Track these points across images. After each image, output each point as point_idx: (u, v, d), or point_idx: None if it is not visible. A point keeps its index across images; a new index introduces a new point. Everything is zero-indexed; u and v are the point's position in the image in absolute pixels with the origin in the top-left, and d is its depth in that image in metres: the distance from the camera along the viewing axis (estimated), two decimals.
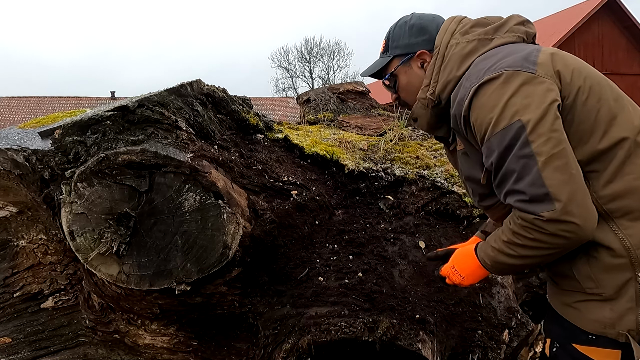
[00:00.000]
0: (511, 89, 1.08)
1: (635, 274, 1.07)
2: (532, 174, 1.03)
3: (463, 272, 1.36)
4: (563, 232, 1.03)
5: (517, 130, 1.05)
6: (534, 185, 1.03)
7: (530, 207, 1.04)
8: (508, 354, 1.93)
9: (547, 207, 1.02)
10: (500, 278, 2.14)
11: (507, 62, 1.12)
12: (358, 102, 4.44)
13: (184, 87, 1.97)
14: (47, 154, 1.65)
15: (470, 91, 1.14)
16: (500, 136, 1.08)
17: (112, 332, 1.96)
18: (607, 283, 1.10)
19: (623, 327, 1.07)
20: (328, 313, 1.70)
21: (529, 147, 1.03)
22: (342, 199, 2.24)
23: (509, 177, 1.08)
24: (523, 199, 1.06)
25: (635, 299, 1.06)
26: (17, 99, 33.69)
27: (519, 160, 1.05)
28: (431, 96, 1.31)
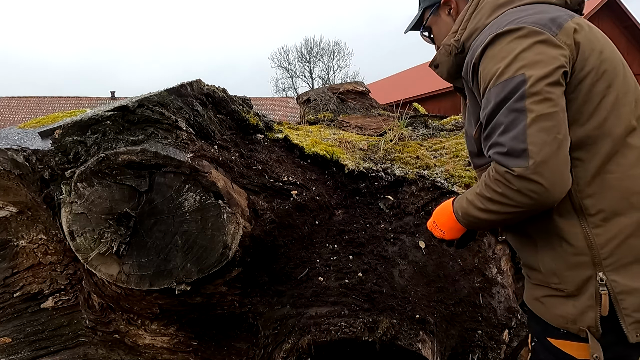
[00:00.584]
0: (525, 43, 1.07)
1: (596, 272, 1.08)
2: (517, 128, 1.03)
3: (443, 227, 1.36)
4: (528, 191, 1.03)
5: (517, 84, 1.04)
6: (515, 140, 1.03)
7: (505, 160, 1.05)
8: (508, 354, 1.93)
9: (520, 163, 1.02)
10: (500, 278, 2.14)
11: (532, 19, 1.11)
12: (358, 102, 4.44)
13: (184, 87, 1.97)
14: (47, 154, 1.65)
15: (487, 39, 1.14)
16: (500, 87, 1.07)
17: (112, 332, 1.96)
18: (569, 280, 1.13)
19: (584, 324, 1.10)
20: (328, 313, 1.70)
21: (523, 102, 1.03)
22: (342, 199, 2.24)
23: (496, 130, 1.08)
24: (501, 151, 1.06)
25: (594, 298, 1.08)
26: (17, 99, 33.69)
27: (510, 113, 1.05)
28: (455, 43, 1.30)
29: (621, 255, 1.08)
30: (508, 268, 2.29)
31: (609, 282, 1.07)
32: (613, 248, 1.08)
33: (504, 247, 2.31)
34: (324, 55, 45.76)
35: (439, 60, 1.37)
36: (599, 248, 1.08)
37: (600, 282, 1.08)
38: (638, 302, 1.06)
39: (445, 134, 3.18)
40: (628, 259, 1.07)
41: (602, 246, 1.08)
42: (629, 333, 1.06)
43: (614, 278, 1.07)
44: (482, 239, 2.20)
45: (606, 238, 1.08)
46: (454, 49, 1.30)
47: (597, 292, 1.08)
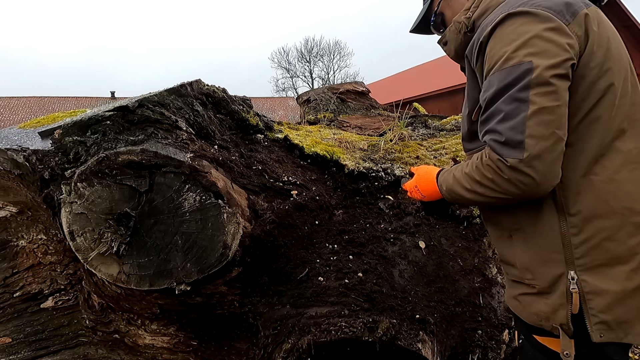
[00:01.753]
0: (537, 29, 1.05)
1: (567, 270, 1.09)
2: (517, 119, 1.03)
3: (425, 192, 1.46)
4: (518, 182, 1.04)
5: (523, 72, 1.03)
6: (513, 130, 1.03)
7: (500, 149, 1.05)
8: (508, 354, 1.93)
9: (515, 154, 1.02)
10: (500, 278, 2.14)
11: (547, 3, 1.08)
12: (358, 102, 4.44)
13: (184, 87, 1.97)
14: (47, 154, 1.65)
15: (498, 18, 1.11)
16: (506, 72, 1.06)
17: (112, 332, 1.96)
18: (541, 276, 1.14)
19: (556, 321, 1.11)
20: (328, 313, 1.70)
21: (527, 92, 1.02)
22: (342, 199, 2.24)
23: (495, 116, 1.08)
24: (498, 139, 1.06)
25: (565, 296, 1.10)
26: (17, 99, 33.68)
27: (512, 102, 1.04)
28: (466, 20, 1.27)
29: (594, 257, 1.08)
30: None
31: (579, 281, 1.08)
32: (587, 249, 1.08)
33: None
34: (324, 55, 45.81)
35: (449, 37, 1.35)
36: (574, 247, 1.09)
37: (571, 281, 1.09)
38: (604, 304, 1.07)
39: (445, 134, 3.18)
40: (600, 261, 1.08)
41: (576, 246, 1.09)
42: (592, 332, 1.08)
43: (584, 278, 1.08)
44: (482, 239, 2.20)
45: (582, 239, 1.09)
46: (464, 27, 1.28)
47: (568, 290, 1.10)
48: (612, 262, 1.07)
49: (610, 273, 1.07)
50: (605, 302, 1.07)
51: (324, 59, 47.88)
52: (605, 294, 1.07)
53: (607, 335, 1.07)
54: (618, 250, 1.07)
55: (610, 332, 1.07)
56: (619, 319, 1.06)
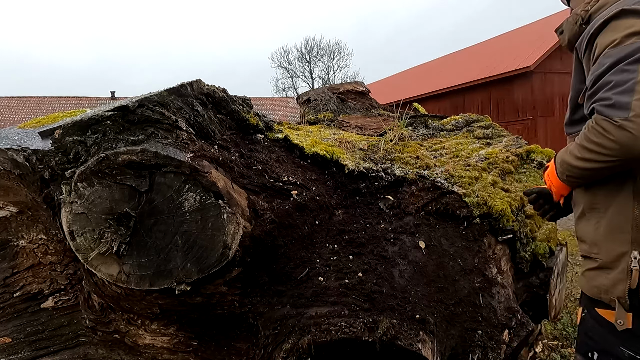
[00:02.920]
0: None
1: (632, 250, 1.19)
2: (627, 84, 1.08)
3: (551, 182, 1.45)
4: (622, 138, 1.09)
5: (635, 49, 1.09)
6: (622, 94, 1.08)
7: (607, 111, 1.10)
8: (508, 354, 1.93)
9: (621, 114, 1.07)
10: (500, 278, 2.14)
11: None
12: (358, 102, 4.44)
13: (184, 87, 1.97)
14: (47, 153, 1.65)
15: (613, 11, 1.17)
16: (617, 50, 1.12)
17: (112, 332, 1.96)
18: (606, 252, 1.25)
19: (614, 294, 1.23)
20: (328, 313, 1.70)
21: (637, 64, 1.08)
22: (342, 199, 2.24)
23: (604, 87, 1.13)
24: (607, 103, 1.11)
25: (626, 272, 1.20)
26: (17, 99, 33.68)
27: (621, 72, 1.09)
28: (582, 14, 1.33)
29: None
30: (508, 268, 2.29)
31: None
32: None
33: (504, 247, 2.31)
34: (324, 55, 45.81)
35: (565, 27, 1.41)
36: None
37: (634, 259, 1.19)
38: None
39: (445, 134, 3.18)
40: None
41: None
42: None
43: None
44: (482, 239, 2.20)
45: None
46: (580, 19, 1.33)
47: (629, 267, 1.19)
48: None
49: None
50: None
51: (324, 59, 47.90)
52: None
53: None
54: None
55: None
56: None
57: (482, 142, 2.95)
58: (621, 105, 1.08)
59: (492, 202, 2.25)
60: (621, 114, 1.07)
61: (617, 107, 1.08)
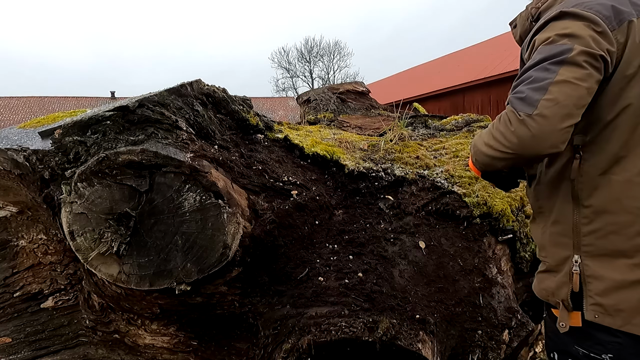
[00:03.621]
0: (583, 26, 1.13)
1: (573, 254, 1.22)
2: (542, 83, 1.10)
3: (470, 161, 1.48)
4: (520, 133, 1.11)
5: (563, 50, 1.11)
6: (535, 91, 1.10)
7: (517, 104, 1.13)
8: (508, 354, 1.93)
9: (526, 109, 1.10)
10: (500, 278, 2.14)
11: (599, 7, 1.15)
12: (358, 102, 4.44)
13: (184, 87, 1.97)
14: (47, 153, 1.65)
15: (553, 13, 1.20)
16: (547, 49, 1.14)
17: (112, 332, 1.96)
18: (552, 255, 1.30)
19: (559, 297, 1.26)
20: (328, 313, 1.70)
21: (559, 66, 1.10)
22: (342, 199, 2.24)
23: (524, 81, 1.15)
24: (519, 96, 1.13)
25: (569, 275, 1.23)
26: (17, 99, 33.68)
27: (544, 70, 1.11)
28: (533, 11, 1.36)
29: (599, 246, 1.19)
30: (508, 268, 2.29)
31: (582, 265, 1.21)
32: (594, 239, 1.20)
33: (504, 247, 2.31)
34: (324, 55, 45.80)
35: (518, 21, 1.45)
36: (582, 235, 1.21)
37: (575, 264, 1.21)
38: (602, 288, 1.18)
39: (445, 134, 3.18)
40: (604, 251, 1.19)
41: (585, 234, 1.21)
42: (587, 312, 1.20)
43: (587, 262, 1.21)
44: (482, 239, 2.20)
45: (591, 229, 1.20)
46: (531, 17, 1.37)
47: (571, 271, 1.22)
48: (616, 254, 1.17)
49: (612, 263, 1.18)
50: (603, 286, 1.18)
51: (324, 59, 47.88)
52: (603, 280, 1.18)
53: (603, 319, 1.18)
54: (624, 245, 1.16)
55: (607, 316, 1.17)
56: (616, 306, 1.16)
57: None
58: (531, 101, 1.09)
59: (492, 202, 2.25)
60: (527, 110, 1.09)
61: (526, 102, 1.10)
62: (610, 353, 1.18)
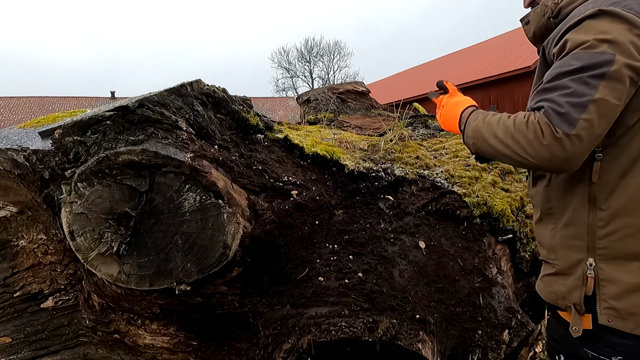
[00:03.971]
0: (623, 28, 1.07)
1: (587, 257, 1.19)
2: (583, 99, 1.05)
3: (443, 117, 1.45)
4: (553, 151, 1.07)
5: (603, 61, 1.05)
6: (575, 107, 1.05)
7: (555, 118, 1.07)
8: (508, 354, 1.93)
9: (565, 128, 1.05)
10: (500, 278, 2.14)
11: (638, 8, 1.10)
12: (358, 102, 4.44)
13: (184, 87, 1.97)
14: (47, 153, 1.65)
15: (589, 11, 1.12)
16: (587, 56, 1.07)
17: (112, 332, 1.96)
18: (563, 258, 1.25)
19: (571, 301, 1.22)
20: (328, 313, 1.70)
21: (599, 81, 1.05)
22: (342, 199, 2.24)
23: (560, 89, 1.09)
24: (558, 110, 1.07)
25: (582, 279, 1.20)
26: (17, 99, 33.68)
27: (582, 83, 1.06)
28: (552, 6, 1.29)
29: (614, 249, 1.16)
30: (508, 268, 2.29)
31: (597, 269, 1.18)
32: (610, 242, 1.17)
33: (504, 247, 2.31)
34: (324, 55, 45.80)
35: (532, 17, 1.36)
36: (597, 238, 1.18)
37: (589, 267, 1.18)
38: (616, 292, 1.16)
39: (445, 134, 3.18)
40: (619, 254, 1.16)
41: (600, 237, 1.18)
42: (600, 315, 1.17)
43: (602, 266, 1.18)
44: (482, 239, 2.20)
45: (606, 232, 1.17)
46: (550, 12, 1.29)
47: (585, 274, 1.19)
48: (631, 257, 1.15)
49: (627, 266, 1.15)
50: (617, 290, 1.15)
51: (324, 59, 47.87)
52: (618, 283, 1.16)
53: (616, 322, 1.16)
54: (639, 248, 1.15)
55: (619, 320, 1.15)
56: (630, 310, 1.14)
57: None
58: (570, 119, 1.05)
59: (492, 202, 2.25)
60: (566, 128, 1.05)
61: (564, 119, 1.06)
62: (620, 355, 1.17)
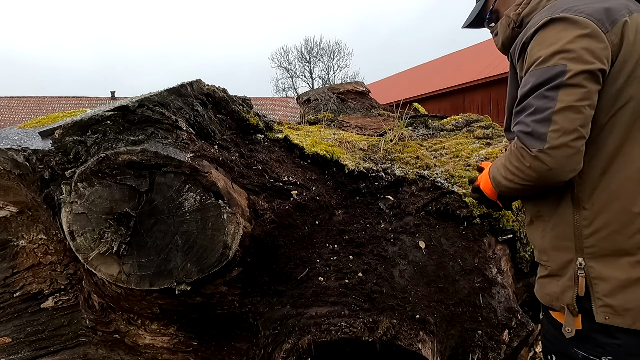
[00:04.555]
0: (574, 35, 1.11)
1: (576, 257, 1.21)
2: (544, 113, 1.11)
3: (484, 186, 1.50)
4: (538, 169, 1.13)
5: (556, 73, 1.10)
6: (539, 123, 1.11)
7: (525, 139, 1.14)
8: (508, 354, 1.93)
9: (537, 145, 1.11)
10: (500, 278, 2.14)
11: (589, 9, 1.13)
12: (358, 102, 4.44)
13: (184, 87, 1.97)
14: (47, 153, 1.65)
15: (541, 21, 1.18)
16: (541, 72, 1.13)
17: (112, 332, 1.96)
18: (554, 259, 1.27)
19: (564, 302, 1.24)
20: (328, 313, 1.70)
21: (557, 91, 1.09)
22: (342, 199, 2.24)
23: (526, 109, 1.16)
24: (525, 130, 1.14)
25: (573, 279, 1.22)
26: (17, 99, 33.69)
27: (542, 98, 1.12)
28: (514, 17, 1.34)
29: (602, 247, 1.18)
30: (508, 268, 2.29)
31: (587, 267, 1.19)
32: (596, 240, 1.19)
33: (504, 247, 2.31)
34: (324, 55, 45.82)
35: (499, 29, 1.43)
36: (584, 237, 1.20)
37: (579, 267, 1.20)
38: (609, 289, 1.17)
39: (445, 134, 3.18)
40: (607, 251, 1.18)
41: (586, 236, 1.20)
42: (597, 314, 1.18)
43: (591, 264, 1.19)
44: (482, 239, 2.20)
45: (592, 230, 1.19)
46: (513, 23, 1.35)
47: (576, 274, 1.21)
48: (619, 253, 1.16)
49: (616, 262, 1.17)
50: (610, 287, 1.17)
51: (324, 59, 47.89)
52: (610, 280, 1.17)
53: (613, 319, 1.16)
54: (626, 243, 1.16)
55: (617, 316, 1.16)
56: (625, 305, 1.15)
57: (482, 142, 2.95)
58: (538, 135, 1.10)
59: None
60: (537, 145, 1.11)
61: (534, 137, 1.11)
62: (609, 355, 1.18)
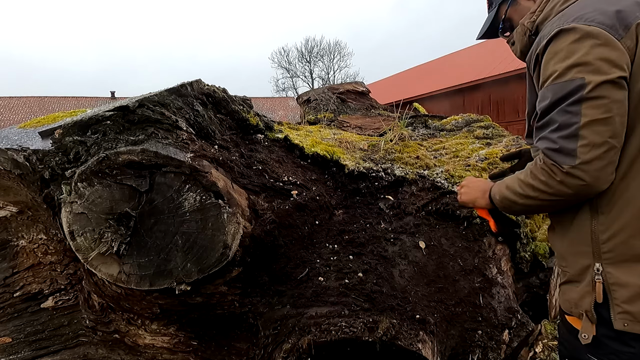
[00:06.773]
0: (588, 44, 1.09)
1: (594, 262, 1.19)
2: (570, 129, 1.09)
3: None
4: (571, 184, 1.12)
5: (576, 87, 1.08)
6: (567, 139, 1.09)
7: (554, 156, 1.12)
8: (508, 354, 1.93)
9: (568, 161, 1.09)
10: (500, 278, 2.14)
11: (600, 18, 1.11)
12: (358, 102, 4.45)
13: (184, 87, 1.97)
14: (47, 153, 1.65)
15: (552, 32, 1.16)
16: (559, 87, 1.12)
17: (112, 332, 1.96)
18: (572, 265, 1.26)
19: (582, 308, 1.22)
20: (328, 313, 1.70)
21: (579, 106, 1.08)
22: (342, 199, 2.24)
23: (549, 125, 1.14)
24: (552, 147, 1.13)
25: (591, 285, 1.20)
26: (17, 99, 33.68)
27: (565, 114, 1.10)
28: (529, 25, 1.34)
29: (620, 252, 1.16)
30: (508, 268, 2.29)
31: (604, 273, 1.17)
32: (614, 245, 1.17)
33: (504, 247, 2.31)
34: (324, 55, 45.80)
35: (516, 38, 1.42)
36: (601, 243, 1.18)
37: (597, 272, 1.18)
38: (628, 295, 1.15)
39: (445, 134, 3.18)
40: (625, 257, 1.16)
41: (604, 241, 1.18)
42: (615, 321, 1.16)
43: (609, 270, 1.17)
44: (482, 239, 2.20)
45: (609, 235, 1.17)
46: (528, 30, 1.34)
47: (594, 280, 1.19)
48: (637, 259, 1.15)
49: (635, 268, 1.15)
50: (629, 294, 1.14)
51: (324, 59, 47.88)
52: (629, 287, 1.15)
53: (633, 326, 1.14)
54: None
55: (636, 324, 1.14)
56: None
57: (482, 142, 2.95)
58: (568, 151, 1.09)
59: None
60: (569, 162, 1.09)
61: (564, 154, 1.10)
62: None
